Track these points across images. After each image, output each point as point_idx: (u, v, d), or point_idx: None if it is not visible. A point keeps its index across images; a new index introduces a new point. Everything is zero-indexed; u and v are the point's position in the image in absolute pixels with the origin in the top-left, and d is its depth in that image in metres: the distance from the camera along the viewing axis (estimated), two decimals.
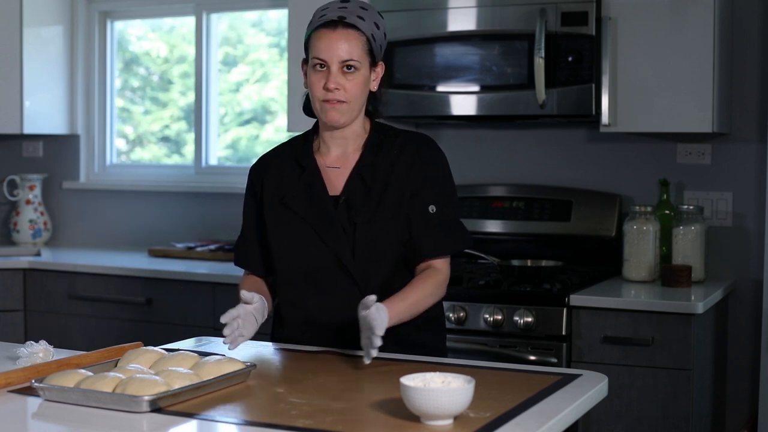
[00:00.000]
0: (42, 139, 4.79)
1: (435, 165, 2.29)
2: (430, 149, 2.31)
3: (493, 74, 3.41)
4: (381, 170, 2.26)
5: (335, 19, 2.20)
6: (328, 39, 2.19)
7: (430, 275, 2.24)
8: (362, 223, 2.23)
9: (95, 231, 4.69)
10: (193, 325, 3.69)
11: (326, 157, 2.31)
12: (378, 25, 2.25)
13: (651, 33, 3.28)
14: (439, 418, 1.60)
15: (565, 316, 3.08)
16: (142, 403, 1.67)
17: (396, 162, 2.26)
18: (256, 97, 4.53)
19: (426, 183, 2.27)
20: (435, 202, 2.26)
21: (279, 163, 2.34)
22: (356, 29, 2.20)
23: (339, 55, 2.18)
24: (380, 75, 2.29)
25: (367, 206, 2.24)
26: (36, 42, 4.49)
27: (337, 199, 2.26)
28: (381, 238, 2.24)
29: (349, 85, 2.20)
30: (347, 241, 2.23)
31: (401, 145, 2.29)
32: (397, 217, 2.24)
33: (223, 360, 1.90)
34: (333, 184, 2.28)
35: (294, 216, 2.27)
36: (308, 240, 2.26)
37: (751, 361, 3.50)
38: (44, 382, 1.77)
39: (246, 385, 1.89)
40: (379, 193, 2.24)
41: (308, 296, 2.28)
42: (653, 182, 3.63)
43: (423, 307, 2.23)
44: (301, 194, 2.27)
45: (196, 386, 1.77)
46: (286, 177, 2.31)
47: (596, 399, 1.91)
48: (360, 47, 2.20)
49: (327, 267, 2.25)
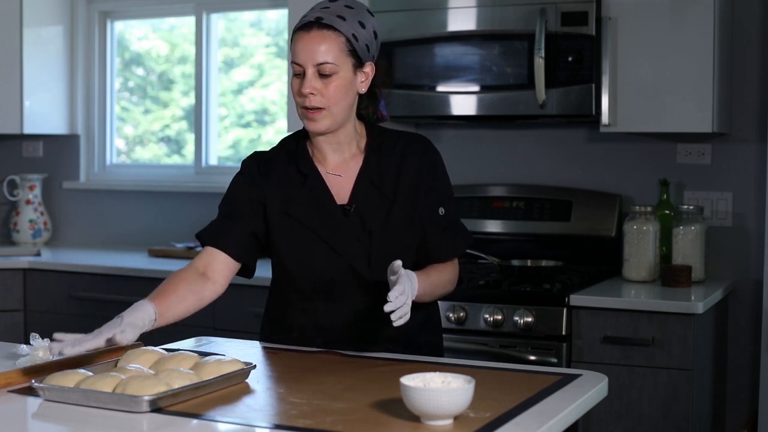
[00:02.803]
0: (42, 139, 4.79)
1: (439, 167, 2.28)
2: (433, 151, 2.28)
3: (493, 74, 3.41)
4: (388, 174, 2.22)
5: (312, 20, 2.12)
6: (303, 41, 2.12)
7: (447, 266, 2.25)
8: (377, 231, 2.19)
9: (95, 231, 4.69)
10: (193, 325, 3.66)
11: (324, 163, 2.24)
12: (363, 24, 2.15)
13: (651, 33, 3.28)
14: (439, 418, 1.60)
15: (565, 316, 3.08)
16: (142, 403, 1.67)
17: (402, 165, 2.22)
18: (259, 100, 4.53)
19: (434, 185, 2.24)
20: (442, 203, 2.25)
21: (279, 168, 2.25)
22: (333, 29, 2.11)
23: (313, 58, 2.09)
24: (370, 76, 2.19)
25: (381, 212, 2.20)
26: (36, 42, 4.49)
27: (345, 208, 2.21)
28: (396, 244, 2.20)
29: (326, 89, 2.11)
30: (362, 250, 2.19)
31: (404, 147, 2.25)
32: (410, 221, 2.22)
33: (223, 360, 1.90)
34: (337, 192, 2.22)
35: (300, 226, 2.21)
36: (319, 250, 2.20)
37: (751, 361, 3.50)
38: (44, 382, 1.77)
39: (246, 385, 1.89)
40: (391, 198, 2.21)
41: (320, 305, 2.23)
42: (653, 182, 3.63)
43: (439, 293, 2.22)
44: (306, 203, 2.21)
45: (195, 386, 1.77)
46: (287, 185, 2.23)
47: (596, 399, 1.91)
48: (337, 48, 2.11)
49: (340, 277, 2.20)
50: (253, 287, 3.49)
